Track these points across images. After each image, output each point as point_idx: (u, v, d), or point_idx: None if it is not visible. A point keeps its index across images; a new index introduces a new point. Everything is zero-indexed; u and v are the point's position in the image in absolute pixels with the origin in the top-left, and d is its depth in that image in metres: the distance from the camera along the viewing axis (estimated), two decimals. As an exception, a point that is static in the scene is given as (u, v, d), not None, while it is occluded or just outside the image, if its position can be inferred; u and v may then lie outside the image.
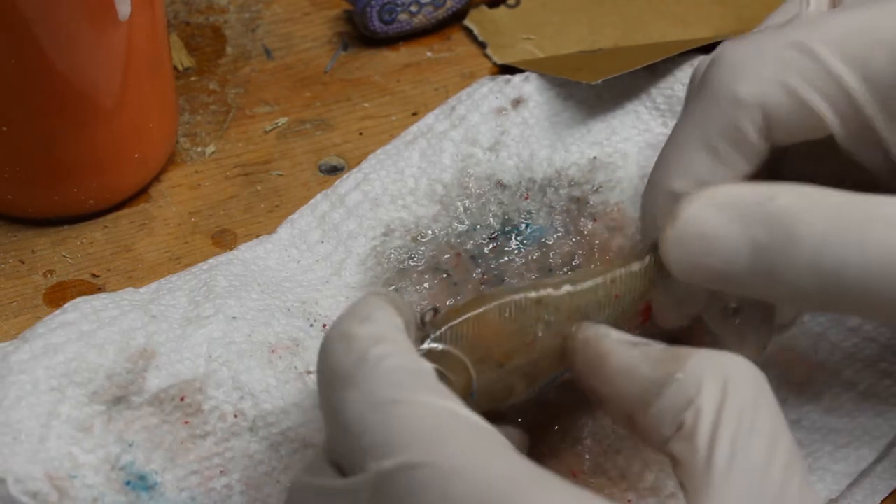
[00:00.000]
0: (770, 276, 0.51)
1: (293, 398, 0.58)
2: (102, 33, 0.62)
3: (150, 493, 0.56)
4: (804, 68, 0.54)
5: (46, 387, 0.56)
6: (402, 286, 0.63)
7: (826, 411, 0.59)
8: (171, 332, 0.58)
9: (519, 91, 0.69)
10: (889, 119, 0.54)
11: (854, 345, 0.61)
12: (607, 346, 0.52)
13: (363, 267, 0.64)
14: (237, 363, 0.58)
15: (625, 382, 0.50)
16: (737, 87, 0.55)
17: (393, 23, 0.75)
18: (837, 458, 0.58)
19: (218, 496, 0.56)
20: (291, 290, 0.62)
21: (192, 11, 0.77)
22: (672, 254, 0.53)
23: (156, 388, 0.57)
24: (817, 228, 0.50)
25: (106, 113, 0.65)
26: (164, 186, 0.69)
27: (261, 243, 0.65)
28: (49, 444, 0.55)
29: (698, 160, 0.55)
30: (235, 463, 0.57)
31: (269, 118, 0.72)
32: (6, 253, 0.66)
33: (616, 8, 0.76)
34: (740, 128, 0.55)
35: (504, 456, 0.46)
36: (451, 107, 0.69)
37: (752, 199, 0.51)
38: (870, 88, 0.54)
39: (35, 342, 0.57)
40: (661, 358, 0.50)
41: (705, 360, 0.49)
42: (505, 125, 0.68)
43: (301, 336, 0.60)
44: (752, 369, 0.49)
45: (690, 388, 0.48)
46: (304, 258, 0.65)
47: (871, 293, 0.50)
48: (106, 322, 0.58)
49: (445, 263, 0.64)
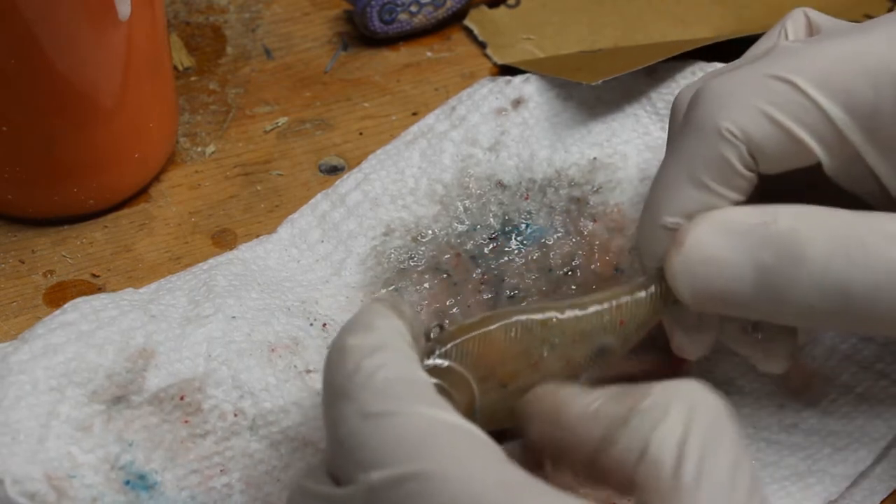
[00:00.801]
0: (776, 298, 0.52)
1: (293, 397, 0.58)
2: (102, 33, 0.62)
3: (150, 493, 0.56)
4: (787, 101, 0.54)
5: (46, 387, 0.56)
6: (402, 286, 0.64)
7: (824, 414, 0.60)
8: (171, 332, 0.58)
9: (519, 92, 0.69)
10: (876, 148, 0.54)
11: (851, 346, 0.61)
12: (563, 395, 0.51)
13: (363, 267, 0.64)
14: (237, 362, 0.58)
15: (588, 424, 0.50)
16: (720, 120, 0.54)
17: (393, 23, 0.75)
18: (836, 460, 0.58)
19: (218, 495, 0.56)
20: (291, 290, 0.62)
21: (192, 11, 0.77)
22: (678, 279, 0.53)
23: (155, 388, 0.57)
24: (821, 248, 0.50)
25: (106, 113, 0.65)
26: (164, 186, 0.69)
27: (261, 243, 0.65)
28: (48, 444, 0.55)
29: (687, 196, 0.55)
30: (235, 462, 0.57)
31: (269, 118, 0.72)
32: (6, 253, 0.66)
33: (616, 8, 0.76)
34: (727, 160, 0.54)
35: (498, 465, 0.46)
36: (452, 107, 0.69)
37: (755, 220, 0.52)
38: (854, 118, 0.54)
39: (34, 343, 0.57)
40: (623, 393, 0.49)
41: (671, 388, 0.48)
42: (505, 125, 0.68)
43: (301, 335, 0.60)
44: (715, 397, 0.49)
45: (657, 413, 0.48)
46: (305, 258, 0.65)
47: (877, 310, 0.50)
48: (105, 322, 0.58)
49: (445, 263, 0.65)
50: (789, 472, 0.58)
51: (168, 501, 0.56)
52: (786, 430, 0.59)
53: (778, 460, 0.58)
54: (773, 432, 0.59)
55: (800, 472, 0.58)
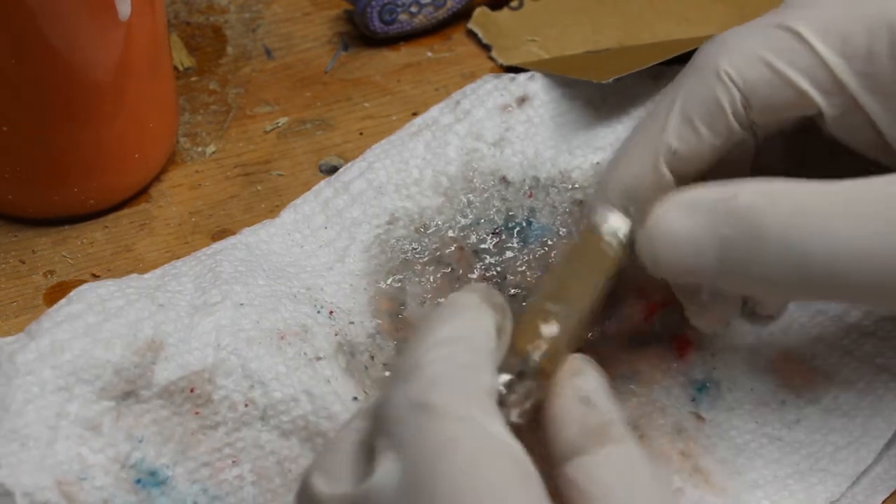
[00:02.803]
0: (739, 271, 0.52)
1: (303, 385, 0.57)
2: (102, 33, 0.62)
3: (161, 489, 0.55)
4: (786, 47, 0.56)
5: (54, 387, 0.55)
6: (406, 277, 0.63)
7: (825, 411, 0.60)
8: (179, 322, 0.58)
9: (524, 89, 0.69)
10: (872, 94, 0.55)
11: (852, 341, 0.61)
12: (565, 386, 0.52)
13: (367, 255, 0.64)
14: (246, 351, 0.58)
15: (560, 427, 0.50)
16: (720, 62, 0.56)
17: (393, 23, 0.75)
18: (837, 459, 0.58)
19: (230, 487, 0.56)
20: (296, 276, 0.62)
21: (192, 11, 0.77)
22: (643, 254, 0.54)
23: (165, 381, 0.57)
24: (780, 221, 0.51)
25: (106, 113, 0.65)
26: (164, 186, 0.69)
27: (264, 227, 0.65)
28: (57, 447, 0.54)
29: (672, 126, 0.57)
30: (246, 453, 0.57)
31: (269, 118, 0.72)
32: (6, 253, 0.66)
33: (617, 8, 0.76)
34: (718, 101, 0.56)
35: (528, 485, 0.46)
36: (456, 101, 0.69)
37: (717, 196, 0.53)
38: (850, 64, 0.55)
39: (41, 339, 0.56)
40: (591, 426, 0.50)
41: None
42: (510, 122, 0.68)
43: (309, 322, 0.60)
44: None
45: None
46: (308, 243, 0.65)
47: (837, 281, 0.51)
48: (112, 313, 0.58)
49: (448, 257, 0.64)
50: (791, 470, 0.58)
51: (180, 495, 0.55)
52: (788, 426, 0.59)
53: (780, 458, 0.58)
54: (776, 429, 0.59)
55: (801, 470, 0.58)
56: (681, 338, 0.61)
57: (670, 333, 0.61)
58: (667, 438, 0.59)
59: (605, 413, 0.50)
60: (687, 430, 0.59)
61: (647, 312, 0.62)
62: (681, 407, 0.60)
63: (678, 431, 0.59)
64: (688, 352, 0.61)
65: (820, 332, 0.62)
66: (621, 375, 0.60)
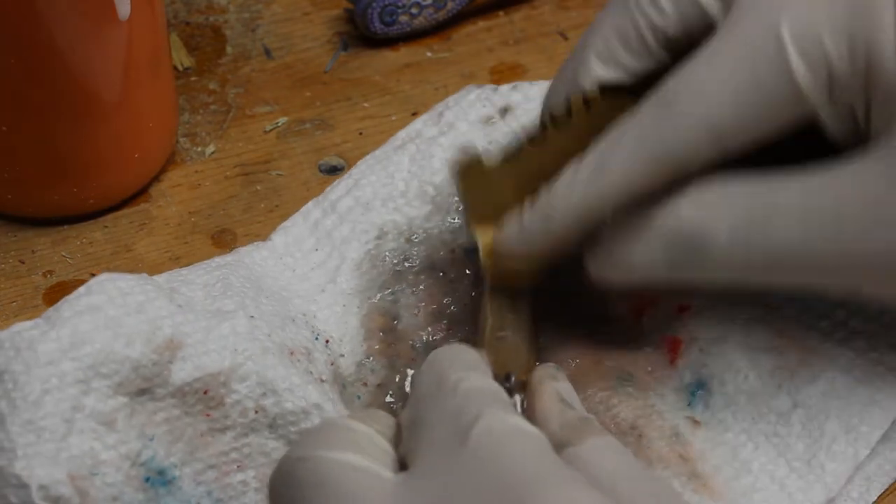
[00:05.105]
0: (685, 279, 0.55)
1: (315, 399, 0.57)
2: (102, 33, 0.62)
3: (168, 488, 0.55)
4: None
5: (73, 379, 0.55)
6: (399, 289, 0.63)
7: (822, 395, 0.59)
8: (198, 324, 0.57)
9: (506, 100, 0.69)
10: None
11: (845, 337, 0.61)
12: (545, 387, 0.55)
13: (359, 272, 0.64)
14: (262, 359, 0.57)
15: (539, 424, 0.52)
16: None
17: (394, 24, 0.75)
18: (834, 453, 0.58)
19: (234, 491, 0.56)
20: (290, 301, 0.62)
21: (192, 11, 0.77)
22: (592, 277, 0.57)
23: (180, 381, 0.56)
24: (722, 238, 0.53)
25: (106, 113, 0.65)
26: (164, 186, 0.69)
27: (257, 249, 0.64)
28: (71, 441, 0.54)
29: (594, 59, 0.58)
30: (252, 459, 0.57)
31: (269, 118, 0.72)
32: (6, 253, 0.66)
33: None
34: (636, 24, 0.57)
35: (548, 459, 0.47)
36: (439, 112, 0.69)
37: (661, 222, 0.55)
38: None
39: (62, 329, 0.55)
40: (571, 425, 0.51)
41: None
42: (493, 135, 0.68)
43: (310, 347, 0.60)
44: None
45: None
46: (300, 266, 0.64)
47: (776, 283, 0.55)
48: (133, 308, 0.57)
49: (441, 261, 0.64)
50: (788, 469, 0.58)
51: (185, 496, 0.55)
52: (784, 416, 0.59)
53: (776, 457, 0.58)
54: (771, 422, 0.59)
55: (798, 469, 0.58)
56: (671, 338, 0.61)
57: (661, 333, 0.61)
58: (665, 441, 0.59)
59: (581, 412, 0.53)
60: (683, 434, 0.59)
61: (637, 313, 0.62)
62: (677, 412, 0.60)
63: (675, 435, 0.59)
64: (679, 353, 0.61)
65: (810, 324, 0.61)
66: (619, 377, 0.60)
